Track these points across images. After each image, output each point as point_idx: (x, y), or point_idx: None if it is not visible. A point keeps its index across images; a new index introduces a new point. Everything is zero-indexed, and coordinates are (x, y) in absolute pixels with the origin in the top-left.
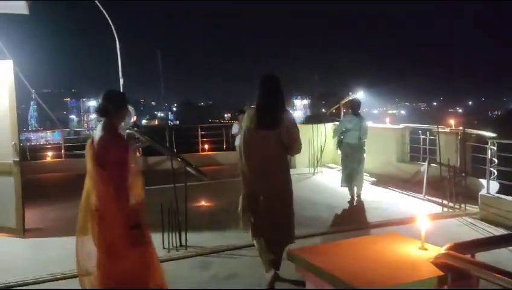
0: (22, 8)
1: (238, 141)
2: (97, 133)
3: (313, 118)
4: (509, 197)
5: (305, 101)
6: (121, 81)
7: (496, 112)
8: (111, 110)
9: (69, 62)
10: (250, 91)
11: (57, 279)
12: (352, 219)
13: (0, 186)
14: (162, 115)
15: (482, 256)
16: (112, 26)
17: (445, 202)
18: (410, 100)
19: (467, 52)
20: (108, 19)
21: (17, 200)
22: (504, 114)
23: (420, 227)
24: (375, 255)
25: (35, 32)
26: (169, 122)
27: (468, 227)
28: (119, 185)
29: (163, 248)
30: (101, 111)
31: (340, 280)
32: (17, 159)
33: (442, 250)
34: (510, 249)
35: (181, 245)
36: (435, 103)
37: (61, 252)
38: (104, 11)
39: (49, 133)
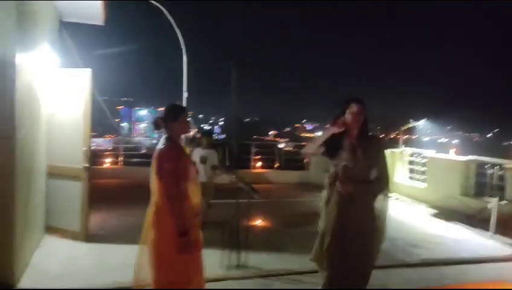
0: (99, 19)
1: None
2: (158, 145)
3: None
4: None
5: None
6: (185, 94)
7: None
8: (166, 123)
9: (129, 71)
10: (296, 109)
11: (119, 288)
12: (416, 253)
13: (69, 190)
14: (209, 128)
15: None
16: (180, 38)
17: None
18: (464, 129)
19: None
20: (177, 30)
21: (83, 205)
22: None
23: None
24: None
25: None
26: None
27: None
28: (170, 193)
29: (222, 266)
30: (154, 124)
31: None
32: (87, 165)
33: None
34: None
35: (239, 265)
36: (489, 134)
37: (123, 260)
38: (173, 24)
39: (100, 139)
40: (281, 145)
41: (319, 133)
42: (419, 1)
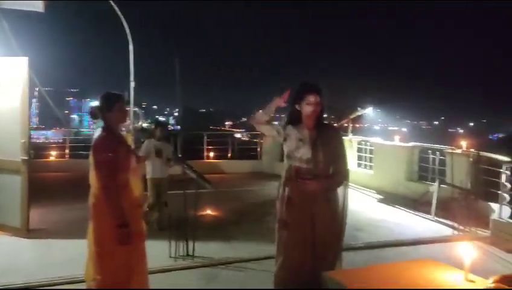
0: (38, 6)
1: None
2: (94, 135)
3: None
4: None
5: None
6: (132, 84)
7: (496, 135)
8: (102, 112)
9: (75, 61)
10: (250, 99)
11: (62, 283)
12: (360, 237)
13: (8, 184)
14: (163, 119)
15: None
16: (126, 28)
17: (455, 224)
18: (412, 118)
19: (469, 72)
20: (123, 20)
21: (23, 200)
22: (506, 137)
23: (463, 257)
24: (417, 285)
25: (41, 28)
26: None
27: (481, 252)
28: (105, 184)
29: (170, 257)
30: (90, 113)
31: None
32: (26, 158)
33: (489, 283)
34: None
35: (187, 254)
36: (436, 122)
37: (65, 255)
38: (119, 14)
39: (49, 132)
40: (237, 135)
41: (275, 123)
42: None
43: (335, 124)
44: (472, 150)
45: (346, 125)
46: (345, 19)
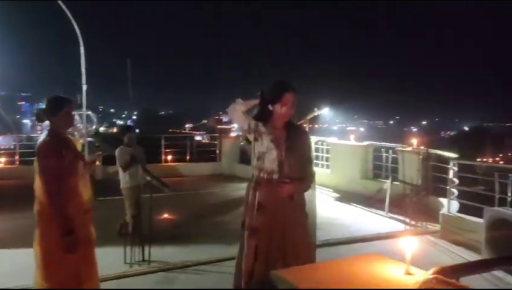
0: None
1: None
2: (39, 140)
3: None
4: (469, 216)
5: None
6: (84, 87)
7: (448, 132)
8: (48, 116)
9: (28, 64)
10: (212, 101)
11: None
12: (317, 235)
13: None
14: (121, 122)
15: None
16: (77, 30)
17: (407, 220)
18: (369, 118)
19: (421, 72)
20: (74, 22)
21: None
22: (457, 135)
23: (404, 250)
24: (361, 280)
25: None
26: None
27: (430, 246)
28: (49, 190)
29: (125, 263)
30: (36, 116)
31: None
32: None
33: (429, 275)
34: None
35: (144, 260)
36: (391, 121)
37: (15, 265)
38: (70, 16)
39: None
40: (197, 138)
41: (235, 125)
42: None
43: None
44: (422, 147)
45: (304, 126)
46: (304, 17)
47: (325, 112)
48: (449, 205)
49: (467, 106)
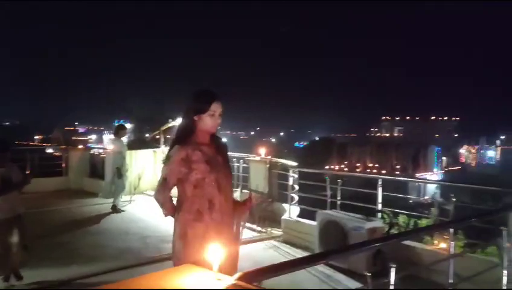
0: None
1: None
2: None
3: (136, 143)
4: (306, 220)
5: (128, 125)
6: None
7: (301, 143)
8: None
9: None
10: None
11: None
12: (165, 249)
13: None
14: None
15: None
16: None
17: (253, 226)
18: (232, 129)
19: (279, 84)
20: None
21: None
22: (309, 145)
23: (211, 258)
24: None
25: None
26: None
27: (273, 250)
28: None
29: None
30: None
31: None
32: None
33: (233, 280)
34: (308, 270)
35: None
36: (252, 132)
37: None
38: None
39: None
40: (49, 150)
41: (93, 136)
42: None
43: (147, 135)
44: (269, 157)
45: (158, 137)
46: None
47: (178, 122)
48: (290, 211)
49: (320, 118)
